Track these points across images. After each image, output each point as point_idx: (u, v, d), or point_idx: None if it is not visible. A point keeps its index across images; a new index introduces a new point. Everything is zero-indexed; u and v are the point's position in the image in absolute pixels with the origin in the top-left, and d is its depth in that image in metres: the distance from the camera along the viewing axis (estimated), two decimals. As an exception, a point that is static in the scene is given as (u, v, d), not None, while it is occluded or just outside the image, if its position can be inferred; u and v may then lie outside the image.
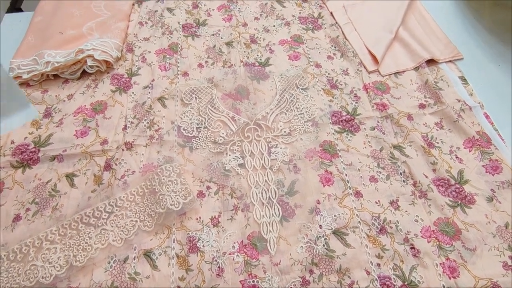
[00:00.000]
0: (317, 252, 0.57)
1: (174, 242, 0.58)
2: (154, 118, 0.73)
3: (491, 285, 0.53)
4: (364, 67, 0.83)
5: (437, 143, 0.69)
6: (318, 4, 0.99)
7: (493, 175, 0.65)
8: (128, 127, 0.72)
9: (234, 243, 0.58)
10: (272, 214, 0.60)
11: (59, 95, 0.77)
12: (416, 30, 0.90)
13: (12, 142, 0.69)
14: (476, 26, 0.92)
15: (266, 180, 0.64)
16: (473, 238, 0.57)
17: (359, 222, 0.60)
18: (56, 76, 0.80)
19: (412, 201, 0.62)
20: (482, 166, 0.66)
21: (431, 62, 0.83)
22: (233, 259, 0.56)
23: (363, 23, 0.93)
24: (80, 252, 0.55)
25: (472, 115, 0.73)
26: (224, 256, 0.56)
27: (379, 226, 0.59)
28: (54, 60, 0.77)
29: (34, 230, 0.58)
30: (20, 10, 1.03)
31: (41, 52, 0.78)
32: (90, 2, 0.94)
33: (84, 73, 0.81)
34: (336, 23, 0.93)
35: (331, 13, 0.96)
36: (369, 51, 0.85)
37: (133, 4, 0.99)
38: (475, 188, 0.63)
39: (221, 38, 0.90)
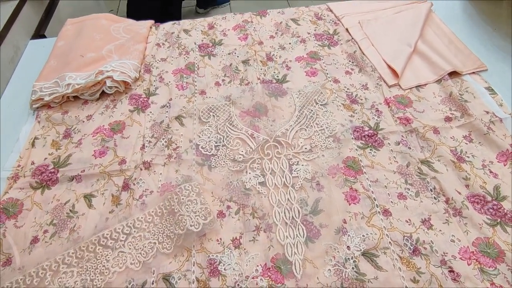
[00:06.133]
0: (347, 275, 0.53)
1: (194, 266, 0.55)
2: (172, 137, 0.73)
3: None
4: (384, 81, 0.81)
5: (468, 157, 0.66)
6: (332, 21, 1.00)
7: (532, 190, 0.60)
8: (146, 146, 0.72)
9: (257, 266, 0.55)
10: (296, 234, 0.57)
11: (78, 116, 0.78)
12: (436, 42, 0.88)
13: (33, 163, 0.69)
14: (496, 37, 0.90)
15: (288, 199, 0.62)
16: (518, 260, 0.53)
17: (389, 242, 0.56)
18: (76, 98, 0.81)
19: (446, 220, 0.58)
20: (520, 181, 0.62)
21: (453, 74, 0.81)
22: (257, 284, 0.53)
23: (380, 38, 0.92)
24: (98, 276, 0.53)
25: (503, 127, 0.69)
26: (247, 280, 0.53)
27: (411, 247, 0.55)
28: (74, 82, 0.79)
29: (52, 253, 0.57)
30: (44, 37, 1.07)
31: (62, 75, 0.80)
32: (109, 26, 0.97)
33: (103, 94, 0.82)
34: (352, 38, 0.93)
35: (347, 29, 0.96)
36: (388, 65, 0.84)
37: (151, 27, 1.01)
38: (515, 205, 0.59)
39: (237, 56, 0.90)
